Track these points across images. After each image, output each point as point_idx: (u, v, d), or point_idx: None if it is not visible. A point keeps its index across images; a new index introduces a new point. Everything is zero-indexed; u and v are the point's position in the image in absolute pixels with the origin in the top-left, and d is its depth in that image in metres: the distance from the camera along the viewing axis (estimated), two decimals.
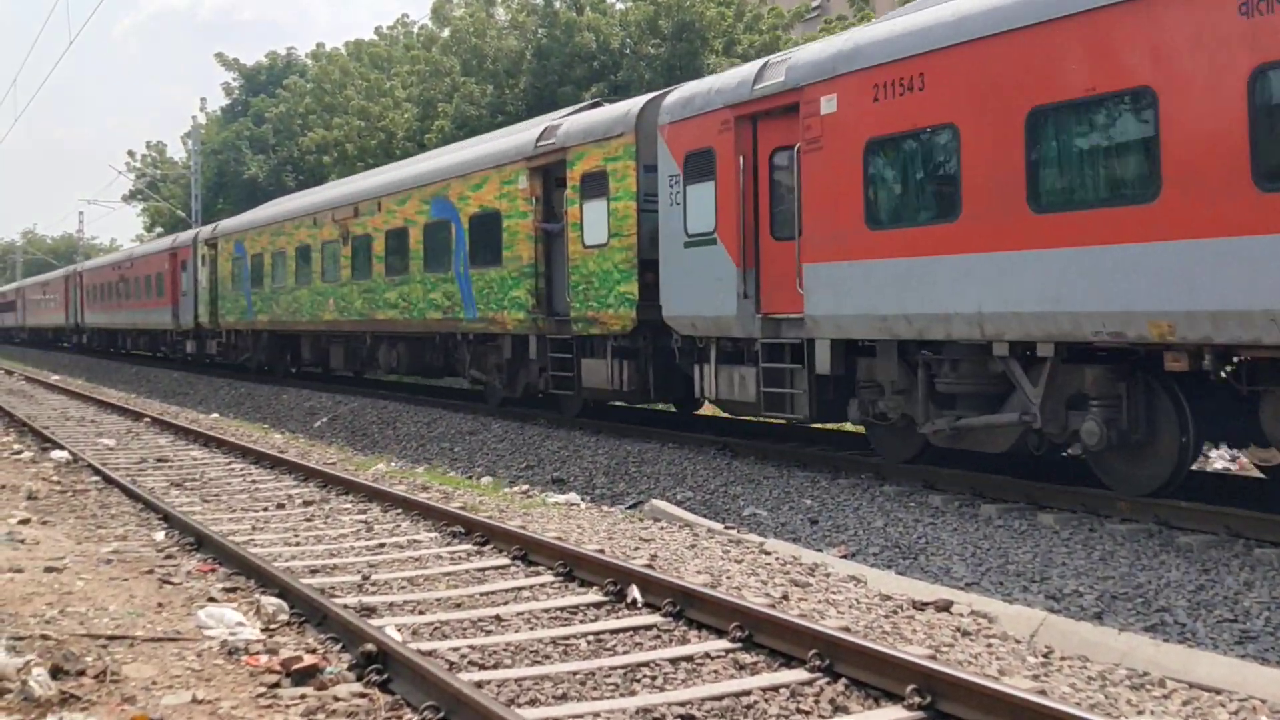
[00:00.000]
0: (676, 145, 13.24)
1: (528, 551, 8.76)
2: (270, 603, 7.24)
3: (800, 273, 11.41)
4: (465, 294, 17.78)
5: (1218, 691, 5.65)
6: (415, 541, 9.68)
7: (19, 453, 16.07)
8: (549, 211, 16.19)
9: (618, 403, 16.13)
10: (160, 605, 7.36)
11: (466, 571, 8.45)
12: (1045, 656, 6.25)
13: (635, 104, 14.67)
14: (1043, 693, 5.38)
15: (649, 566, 8.05)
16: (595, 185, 14.88)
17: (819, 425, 13.49)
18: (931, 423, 10.59)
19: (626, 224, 14.24)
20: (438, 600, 7.62)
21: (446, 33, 35.23)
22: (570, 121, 15.97)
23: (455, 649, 6.38)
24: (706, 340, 13.13)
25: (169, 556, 9.13)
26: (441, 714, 5.24)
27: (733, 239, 12.34)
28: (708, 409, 16.73)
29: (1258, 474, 11.06)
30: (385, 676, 5.80)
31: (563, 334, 15.59)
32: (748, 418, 14.29)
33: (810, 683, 5.74)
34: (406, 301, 19.69)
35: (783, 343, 11.87)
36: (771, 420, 13.19)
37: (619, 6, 31.50)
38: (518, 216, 16.46)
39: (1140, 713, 5.41)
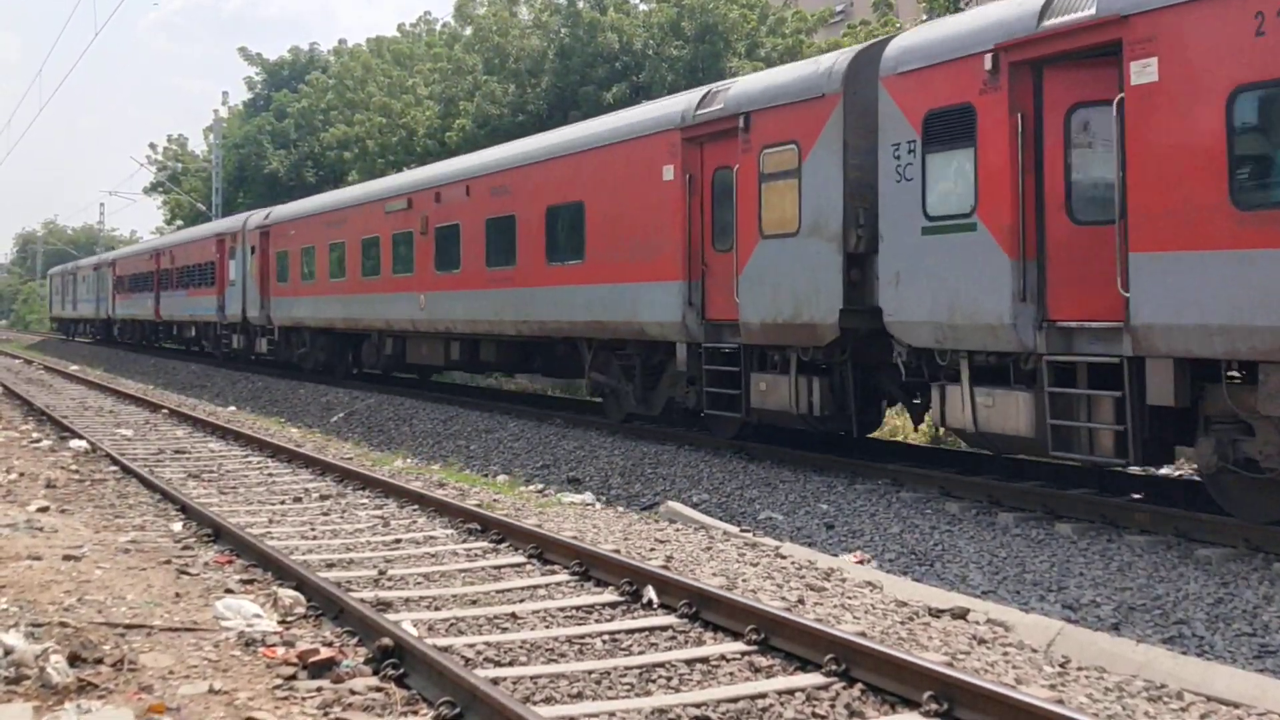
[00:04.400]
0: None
1: (544, 550, 8.77)
2: (287, 595, 7.27)
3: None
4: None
5: (1236, 705, 5.63)
6: (431, 538, 9.71)
7: (38, 441, 16.17)
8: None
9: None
10: (178, 595, 7.39)
11: (482, 569, 8.47)
12: (1062, 666, 6.23)
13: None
14: (1060, 702, 5.35)
15: (665, 567, 8.05)
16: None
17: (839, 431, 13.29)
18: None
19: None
20: (454, 597, 7.64)
21: (469, 31, 35.23)
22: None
23: (471, 645, 6.39)
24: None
25: (186, 547, 9.17)
26: (457, 710, 5.25)
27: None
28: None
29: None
30: (401, 671, 5.81)
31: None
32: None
33: (826, 687, 5.73)
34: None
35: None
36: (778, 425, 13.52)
37: (642, 8, 31.45)
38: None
39: None
